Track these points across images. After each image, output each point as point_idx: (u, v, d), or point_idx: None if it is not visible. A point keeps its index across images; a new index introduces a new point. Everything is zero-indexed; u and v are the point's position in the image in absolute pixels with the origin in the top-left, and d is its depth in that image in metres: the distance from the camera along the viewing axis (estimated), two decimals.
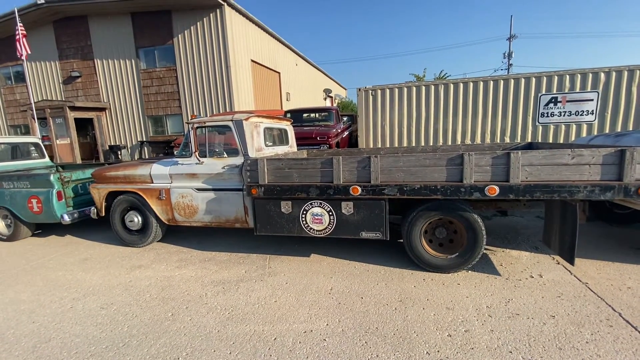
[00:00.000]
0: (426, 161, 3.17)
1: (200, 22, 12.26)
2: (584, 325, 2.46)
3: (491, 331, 2.44)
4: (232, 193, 4.05)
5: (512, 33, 29.72)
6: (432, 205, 3.37)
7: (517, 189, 2.96)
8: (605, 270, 3.32)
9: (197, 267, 3.92)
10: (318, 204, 3.61)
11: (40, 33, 13.70)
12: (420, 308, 2.80)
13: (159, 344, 2.51)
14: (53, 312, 3.06)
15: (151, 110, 13.59)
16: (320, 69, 25.75)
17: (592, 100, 7.43)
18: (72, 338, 2.64)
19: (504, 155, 2.97)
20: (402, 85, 8.25)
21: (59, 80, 14.24)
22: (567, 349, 2.21)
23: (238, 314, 2.85)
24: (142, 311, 2.99)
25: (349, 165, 3.39)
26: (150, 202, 4.41)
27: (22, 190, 4.91)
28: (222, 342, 2.48)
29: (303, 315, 2.79)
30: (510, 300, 2.84)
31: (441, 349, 2.28)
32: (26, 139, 6.68)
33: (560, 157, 2.87)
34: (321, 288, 3.24)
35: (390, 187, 3.27)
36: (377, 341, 2.40)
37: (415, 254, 3.48)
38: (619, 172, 2.78)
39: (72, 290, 3.49)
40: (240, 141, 4.02)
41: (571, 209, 2.92)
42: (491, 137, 7.97)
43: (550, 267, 3.44)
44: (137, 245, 4.67)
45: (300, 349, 2.36)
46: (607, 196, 2.80)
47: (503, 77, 7.77)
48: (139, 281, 3.61)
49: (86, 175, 5.17)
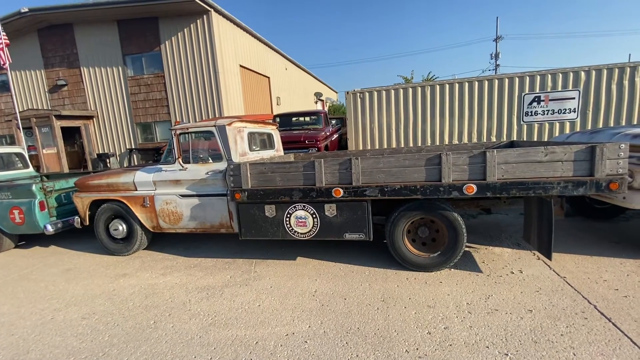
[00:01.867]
0: (405, 162, 3.22)
1: (187, 28, 12.24)
2: (560, 318, 2.51)
3: (470, 327, 2.48)
4: (216, 198, 4.05)
5: (498, 34, 30.31)
6: (413, 205, 3.41)
7: (494, 186, 3.02)
8: (583, 264, 3.39)
9: (182, 273, 3.90)
10: (301, 207, 3.62)
11: (24, 42, 13.52)
12: (402, 307, 2.82)
13: (140, 352, 2.49)
14: (33, 323, 3.02)
15: (139, 118, 13.48)
16: (311, 73, 25.86)
17: (573, 98, 7.61)
18: (51, 349, 2.60)
19: (480, 154, 3.03)
20: (389, 87, 8.34)
21: (44, 89, 14.05)
22: (542, 342, 2.26)
23: (221, 319, 2.84)
24: (124, 320, 2.96)
25: (331, 167, 3.42)
26: (135, 209, 4.38)
27: (3, 201, 4.83)
28: (204, 348, 2.47)
29: (286, 318, 2.79)
30: (490, 297, 2.88)
31: (420, 347, 2.30)
32: (8, 149, 6.57)
33: (534, 155, 2.94)
34: (305, 291, 3.25)
35: (371, 188, 3.31)
36: (358, 341, 2.42)
37: (398, 254, 3.51)
38: (590, 167, 2.85)
39: (53, 301, 3.44)
40: (224, 146, 4.03)
41: (547, 205, 2.99)
42: (478, 136, 8.10)
43: (531, 263, 3.51)
44: (123, 254, 4.62)
45: (281, 352, 2.36)
46: (580, 191, 2.88)
47: (488, 78, 7.92)
48: (123, 290, 3.57)
49: (69, 184, 5.11)
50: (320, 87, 27.94)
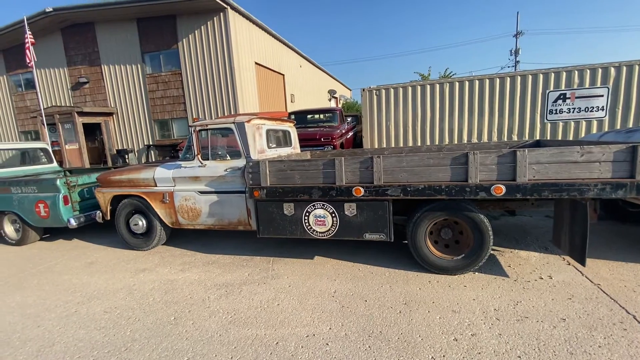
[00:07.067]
0: (430, 161, 3.11)
1: (204, 26, 12.34)
2: (597, 328, 2.37)
3: (499, 335, 2.37)
4: (234, 195, 4.04)
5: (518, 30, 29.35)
6: (436, 205, 3.30)
7: (525, 188, 2.88)
8: (618, 270, 3.21)
9: (201, 270, 3.91)
10: (321, 206, 3.57)
11: (49, 40, 13.94)
12: (426, 311, 2.73)
13: (161, 348, 2.49)
14: (58, 316, 3.08)
15: (157, 114, 13.71)
16: (325, 70, 25.73)
17: (602, 96, 7.25)
18: (75, 342, 2.64)
19: (510, 153, 2.90)
20: (406, 84, 8.16)
21: (67, 87, 14.47)
22: (578, 353, 2.13)
23: (240, 318, 2.82)
24: (145, 315, 2.98)
25: (352, 166, 3.34)
26: (154, 205, 4.43)
27: (29, 195, 4.97)
28: (224, 347, 2.45)
29: (306, 319, 2.75)
30: (519, 303, 2.75)
31: (447, 354, 2.21)
32: (33, 145, 6.78)
33: (569, 155, 2.78)
34: (324, 291, 3.19)
35: (393, 187, 3.22)
36: (381, 345, 2.35)
37: (420, 256, 3.41)
38: (630, 169, 2.68)
39: (77, 294, 3.51)
40: (243, 143, 4.01)
41: (581, 208, 2.83)
42: (498, 135, 7.83)
43: (561, 268, 3.34)
44: (142, 249, 4.68)
45: (302, 354, 2.32)
46: (619, 194, 2.71)
47: (509, 75, 7.64)
48: (143, 285, 3.61)
49: (92, 179, 5.22)
50: (334, 85, 27.77)
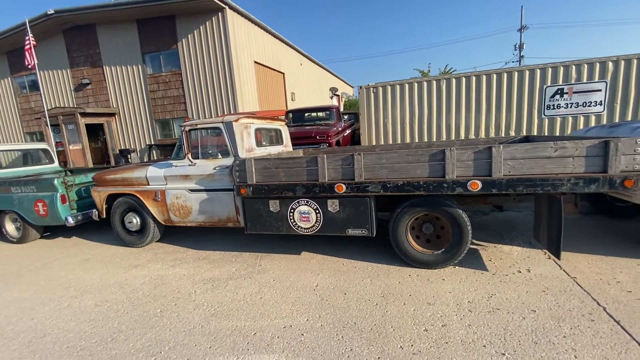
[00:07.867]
0: (408, 157, 3.17)
1: (203, 26, 12.46)
2: (565, 319, 2.42)
3: (468, 326, 2.43)
4: (223, 193, 4.14)
5: (522, 24, 29.02)
6: (416, 201, 3.36)
7: (500, 183, 2.93)
8: (597, 264, 3.25)
9: (191, 265, 4.03)
10: (305, 202, 3.65)
11: (51, 42, 14.19)
12: (401, 303, 2.81)
13: (145, 338, 2.61)
14: (51, 309, 3.22)
15: (158, 114, 13.89)
16: (326, 68, 25.74)
17: (600, 90, 7.20)
18: (65, 333, 2.77)
19: (485, 149, 2.95)
20: (403, 81, 8.18)
21: (70, 88, 14.72)
22: (542, 343, 2.19)
23: (223, 310, 2.93)
24: (133, 308, 3.10)
25: (334, 163, 3.42)
26: (147, 203, 4.55)
27: (28, 194, 5.14)
28: (204, 337, 2.56)
29: (285, 311, 2.84)
30: (493, 295, 2.82)
31: (415, 343, 2.29)
32: (35, 146, 6.97)
33: (542, 150, 2.82)
34: (307, 285, 3.28)
35: (374, 184, 3.29)
36: (353, 335, 2.43)
37: (401, 250, 3.48)
38: (603, 163, 2.72)
39: (71, 289, 3.65)
40: (231, 142, 4.11)
41: (556, 202, 2.87)
42: (496, 131, 7.82)
43: (540, 262, 3.39)
44: (137, 246, 4.82)
45: (278, 344, 2.41)
46: (592, 188, 2.75)
47: (506, 70, 7.62)
48: (134, 280, 3.74)
49: (89, 179, 5.37)
50: (336, 82, 27.76)
